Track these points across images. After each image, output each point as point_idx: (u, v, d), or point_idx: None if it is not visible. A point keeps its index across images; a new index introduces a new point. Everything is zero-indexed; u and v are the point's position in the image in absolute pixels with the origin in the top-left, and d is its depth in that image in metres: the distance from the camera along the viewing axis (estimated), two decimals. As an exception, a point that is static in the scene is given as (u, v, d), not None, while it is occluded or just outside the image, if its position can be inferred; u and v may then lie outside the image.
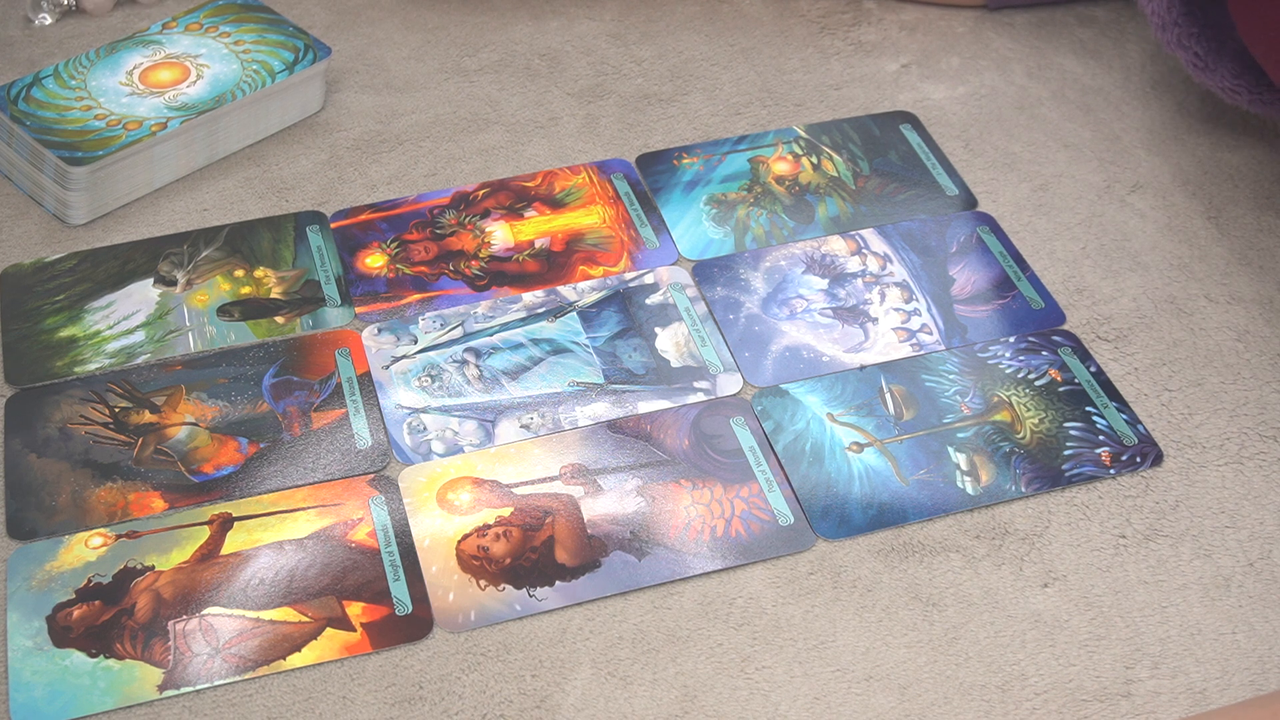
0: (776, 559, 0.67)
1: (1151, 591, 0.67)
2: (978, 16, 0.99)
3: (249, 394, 0.74)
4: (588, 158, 0.88)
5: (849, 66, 0.95)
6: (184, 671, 0.62)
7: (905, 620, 0.65)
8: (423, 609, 0.65)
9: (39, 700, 0.61)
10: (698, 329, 0.78)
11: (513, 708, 0.62)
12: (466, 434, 0.72)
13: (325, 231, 0.83)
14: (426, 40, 0.96)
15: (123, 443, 0.71)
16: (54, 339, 0.76)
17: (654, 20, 0.99)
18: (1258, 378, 0.76)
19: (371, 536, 0.67)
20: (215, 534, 0.67)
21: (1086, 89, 0.94)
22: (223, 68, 0.87)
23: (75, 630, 0.64)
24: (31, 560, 0.66)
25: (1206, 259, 0.83)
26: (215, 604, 0.65)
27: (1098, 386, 0.75)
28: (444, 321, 0.78)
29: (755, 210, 0.85)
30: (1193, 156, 0.89)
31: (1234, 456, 0.72)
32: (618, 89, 0.93)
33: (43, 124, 0.82)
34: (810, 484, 0.70)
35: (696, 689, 0.62)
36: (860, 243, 0.83)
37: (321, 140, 0.89)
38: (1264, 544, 0.69)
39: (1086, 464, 0.71)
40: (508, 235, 0.83)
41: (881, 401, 0.74)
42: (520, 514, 0.69)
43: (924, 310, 0.79)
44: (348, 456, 0.71)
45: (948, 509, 0.69)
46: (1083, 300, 0.80)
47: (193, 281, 0.79)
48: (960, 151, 0.89)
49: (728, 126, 0.91)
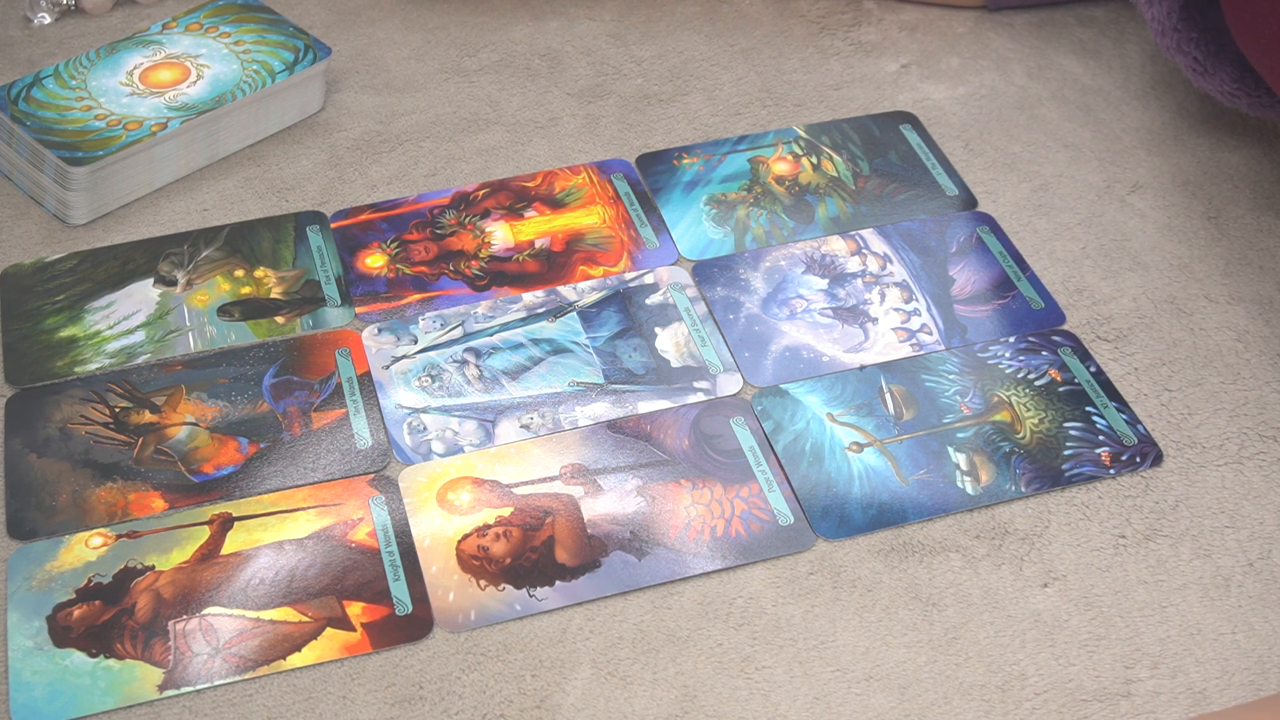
0: (776, 559, 0.67)
1: (1151, 591, 0.67)
2: (978, 16, 0.99)
3: (249, 394, 0.74)
4: (588, 158, 0.88)
5: (849, 66, 0.95)
6: (184, 671, 0.62)
7: (905, 620, 0.65)
8: (423, 609, 0.65)
9: (39, 700, 0.61)
10: (698, 329, 0.78)
11: (513, 708, 0.62)
12: (466, 434, 0.72)
13: (325, 231, 0.83)
14: (426, 40, 0.96)
15: (123, 443, 0.71)
16: (54, 339, 0.76)
17: (654, 20, 0.99)
18: (1258, 378, 0.76)
19: (371, 536, 0.67)
20: (215, 534, 0.67)
21: (1086, 89, 0.94)
22: (223, 68, 0.87)
23: (75, 630, 0.64)
24: (32, 560, 0.66)
25: (1206, 259, 0.83)
26: (215, 604, 0.65)
27: (1098, 386, 0.75)
28: (444, 321, 0.78)
29: (755, 210, 0.85)
30: (1193, 156, 0.89)
31: (1234, 456, 0.72)
32: (618, 89, 0.93)
33: (43, 124, 0.82)
34: (810, 484, 0.70)
35: (696, 689, 0.62)
36: (860, 243, 0.83)
37: (321, 140, 0.89)
38: (1264, 544, 0.69)
39: (1086, 464, 0.71)
40: (508, 235, 0.83)
41: (881, 401, 0.74)
42: (520, 514, 0.69)
43: (924, 310, 0.79)
44: (348, 456, 0.71)
45: (948, 509, 0.69)
46: (1083, 300, 0.80)
47: (193, 281, 0.79)
48: (960, 151, 0.89)
49: (728, 126, 0.91)
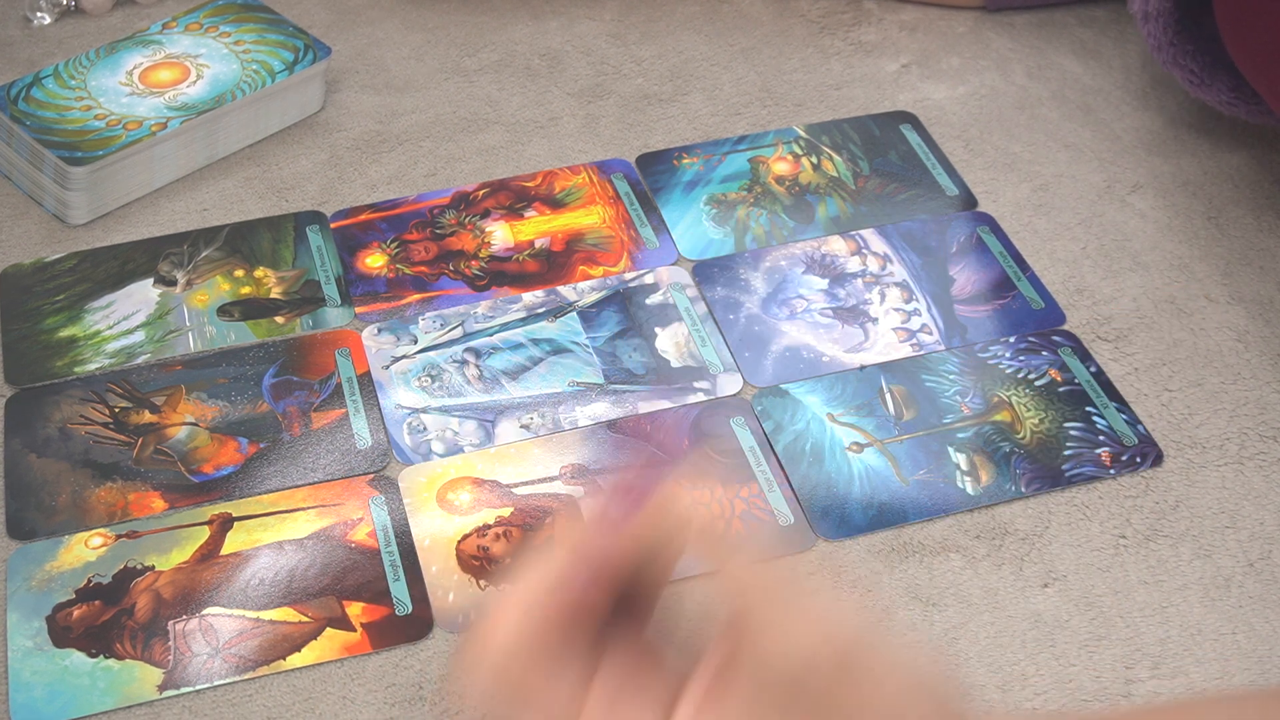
0: (776, 559, 0.67)
1: (1151, 591, 0.66)
2: (978, 16, 0.99)
3: (249, 394, 0.74)
4: (588, 158, 0.88)
5: (849, 66, 0.95)
6: (184, 671, 0.62)
7: (905, 620, 0.65)
8: (423, 609, 0.65)
9: (39, 700, 0.61)
10: (698, 329, 0.77)
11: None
12: (466, 434, 0.72)
13: (325, 231, 0.83)
14: (426, 40, 0.96)
15: (123, 443, 0.71)
16: (54, 339, 0.76)
17: (654, 20, 0.98)
18: (1258, 378, 0.76)
19: (371, 536, 0.67)
20: (215, 534, 0.67)
21: (1086, 89, 0.94)
22: (223, 68, 0.86)
23: (75, 630, 0.63)
24: (31, 560, 0.66)
25: (1206, 259, 0.83)
26: (215, 604, 0.65)
27: (1098, 386, 0.75)
28: (444, 321, 0.78)
29: (755, 210, 0.85)
30: (1193, 156, 0.89)
31: (1234, 456, 0.72)
32: (618, 89, 0.93)
33: (43, 124, 0.82)
34: (810, 484, 0.70)
35: (696, 689, 0.62)
36: (860, 243, 0.83)
37: (321, 140, 0.89)
38: (1264, 544, 0.69)
39: (1086, 464, 0.71)
40: (508, 235, 0.83)
41: (881, 401, 0.74)
42: (520, 514, 0.68)
43: (924, 310, 0.79)
44: (348, 456, 0.71)
45: (948, 509, 0.69)
46: (1083, 300, 0.80)
47: (193, 281, 0.79)
48: (960, 151, 0.89)
49: (728, 126, 0.91)
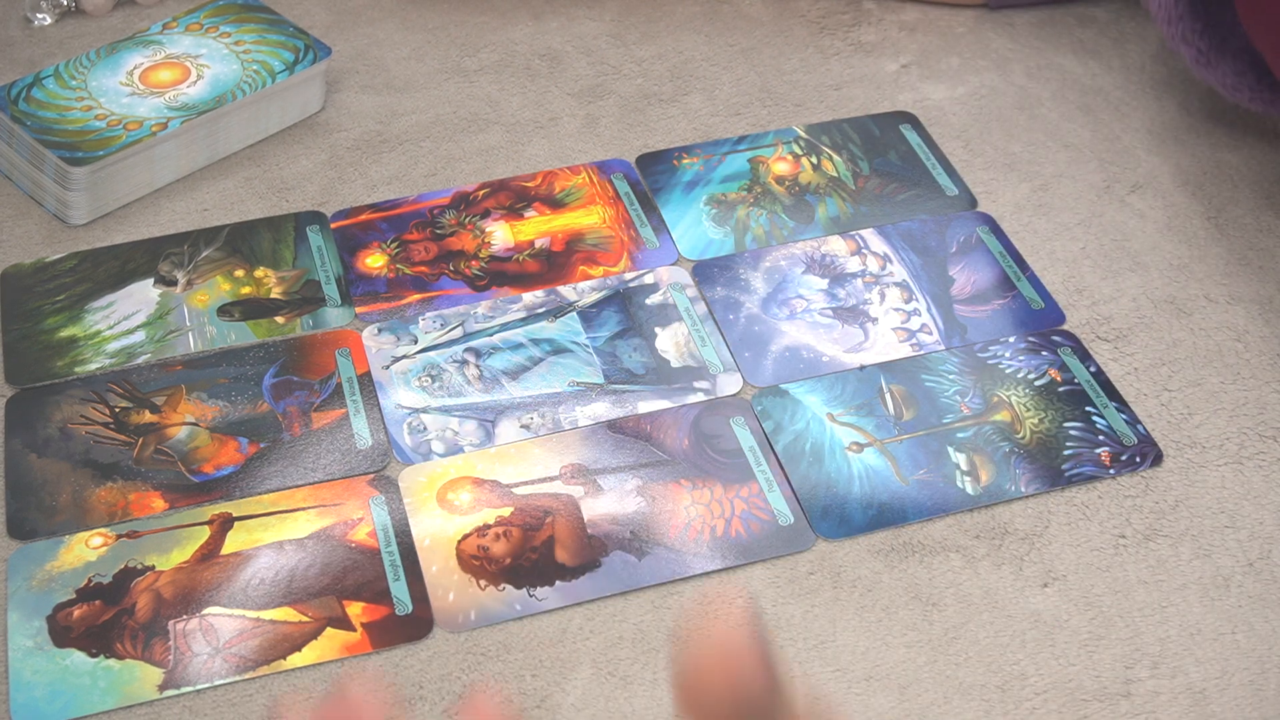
0: (776, 559, 0.67)
1: (1151, 591, 0.67)
2: (978, 16, 0.99)
3: (249, 394, 0.74)
4: (588, 158, 0.88)
5: (849, 66, 0.95)
6: (184, 671, 0.62)
7: (905, 620, 0.65)
8: (423, 609, 0.65)
9: (39, 700, 0.61)
10: (698, 329, 0.78)
11: (512, 708, 0.62)
12: (466, 434, 0.72)
13: (325, 231, 0.83)
14: (426, 40, 0.96)
15: (123, 443, 0.71)
16: (54, 339, 0.76)
17: (654, 20, 0.98)
18: (1258, 378, 0.76)
19: (371, 536, 0.67)
20: (215, 534, 0.67)
21: (1086, 89, 0.94)
22: (223, 68, 0.87)
23: (75, 630, 0.64)
24: (32, 560, 0.66)
25: (1206, 259, 0.83)
26: (215, 604, 0.65)
27: (1097, 386, 0.75)
28: (444, 321, 0.78)
29: (755, 210, 0.85)
30: (1193, 156, 0.89)
31: (1234, 456, 0.72)
32: (618, 89, 0.93)
33: (43, 124, 0.82)
34: (810, 484, 0.70)
35: (696, 689, 0.62)
36: (860, 243, 0.83)
37: (321, 140, 0.89)
38: (1264, 544, 0.69)
39: (1086, 464, 0.71)
40: (508, 235, 0.83)
41: (881, 401, 0.74)
42: (520, 514, 0.69)
43: (924, 310, 0.79)
44: (348, 456, 0.71)
45: (948, 509, 0.69)
46: (1082, 300, 0.80)
47: (193, 281, 0.79)
48: (960, 151, 0.89)
49: (728, 126, 0.91)
